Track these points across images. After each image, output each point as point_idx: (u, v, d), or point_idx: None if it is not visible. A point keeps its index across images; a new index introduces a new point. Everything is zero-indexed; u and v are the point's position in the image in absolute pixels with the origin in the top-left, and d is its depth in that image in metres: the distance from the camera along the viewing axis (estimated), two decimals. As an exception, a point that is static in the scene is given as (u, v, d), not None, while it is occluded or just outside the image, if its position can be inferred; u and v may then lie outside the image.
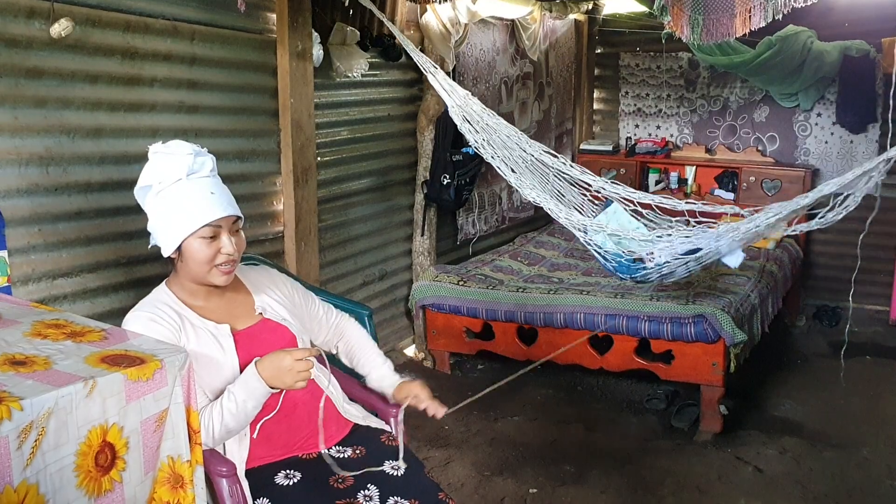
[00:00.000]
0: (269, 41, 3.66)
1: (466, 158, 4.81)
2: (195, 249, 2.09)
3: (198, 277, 2.13)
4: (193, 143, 2.15)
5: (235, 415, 2.02)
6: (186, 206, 2.07)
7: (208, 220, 2.07)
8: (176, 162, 2.08)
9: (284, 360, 2.02)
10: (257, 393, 2.03)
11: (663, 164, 6.53)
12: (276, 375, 2.02)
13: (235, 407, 2.02)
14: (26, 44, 2.63)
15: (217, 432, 2.03)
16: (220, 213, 2.09)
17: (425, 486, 2.21)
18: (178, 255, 2.11)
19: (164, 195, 2.09)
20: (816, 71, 5.74)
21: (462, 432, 4.11)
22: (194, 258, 2.09)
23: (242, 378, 2.05)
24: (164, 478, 1.75)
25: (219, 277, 2.13)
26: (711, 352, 4.05)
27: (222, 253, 2.11)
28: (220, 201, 2.11)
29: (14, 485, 1.41)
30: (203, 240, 2.08)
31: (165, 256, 2.13)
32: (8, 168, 2.62)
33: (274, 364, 2.03)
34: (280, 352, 2.05)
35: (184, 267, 2.13)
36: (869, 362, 5.19)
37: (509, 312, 4.49)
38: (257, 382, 2.02)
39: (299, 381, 2.02)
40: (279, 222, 3.86)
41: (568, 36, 6.50)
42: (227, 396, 2.04)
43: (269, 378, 2.02)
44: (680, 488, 3.58)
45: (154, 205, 2.11)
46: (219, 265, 2.12)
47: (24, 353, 1.61)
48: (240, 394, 2.03)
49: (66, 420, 1.49)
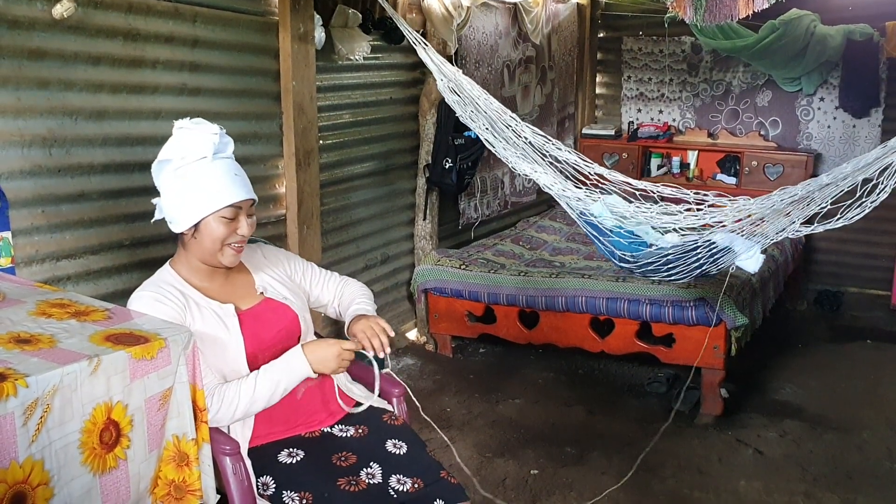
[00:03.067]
0: (271, 23, 3.66)
1: (468, 142, 4.80)
2: (213, 228, 2.11)
3: (207, 256, 2.15)
4: None
5: (267, 393, 2.08)
6: (210, 184, 2.08)
7: (233, 200, 2.11)
8: (202, 139, 2.09)
9: (334, 348, 2.14)
10: (297, 374, 2.12)
11: (665, 148, 6.51)
12: (323, 360, 2.13)
13: (271, 384, 2.08)
14: (28, 25, 2.63)
15: (241, 409, 2.07)
16: (244, 196, 2.14)
17: (427, 464, 2.23)
18: (192, 232, 2.12)
19: (186, 171, 2.09)
20: (819, 55, 5.71)
21: (463, 414, 4.13)
22: (211, 236, 2.11)
23: (285, 358, 2.12)
24: (170, 456, 1.76)
25: (228, 257, 2.16)
26: (713, 335, 4.05)
27: (238, 234, 2.14)
28: (243, 183, 2.15)
29: (20, 461, 1.42)
30: (223, 219, 2.11)
31: (176, 232, 2.14)
32: (11, 149, 2.63)
33: (322, 349, 2.14)
34: (331, 340, 2.17)
35: (195, 244, 2.13)
36: (870, 346, 5.21)
37: (511, 296, 4.50)
38: (302, 364, 2.11)
39: (342, 367, 2.16)
40: (281, 205, 3.86)
41: (570, 20, 6.48)
42: (262, 373, 2.08)
43: (314, 361, 2.12)
44: (680, 470, 3.60)
45: (172, 180, 2.10)
46: (230, 244, 2.14)
47: (28, 331, 1.62)
48: (278, 373, 2.09)
49: (70, 397, 1.50)
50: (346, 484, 2.09)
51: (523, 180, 6.04)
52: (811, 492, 3.42)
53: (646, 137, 6.56)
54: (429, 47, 3.67)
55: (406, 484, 2.14)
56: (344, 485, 2.09)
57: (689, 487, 3.46)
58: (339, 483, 2.09)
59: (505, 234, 5.60)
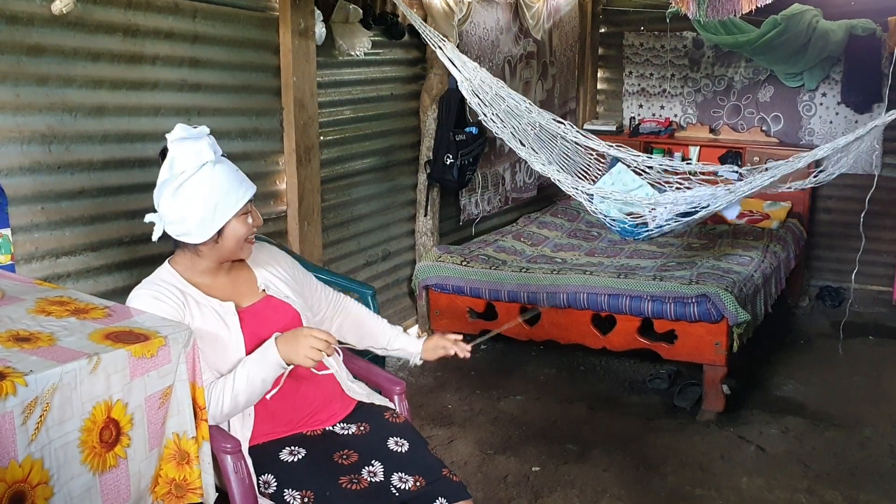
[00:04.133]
0: (272, 19, 3.64)
1: (469, 138, 4.79)
2: (237, 229, 2.10)
3: (231, 255, 2.15)
4: (195, 122, 2.13)
5: (245, 386, 2.02)
6: (224, 188, 2.06)
7: (249, 195, 2.12)
8: (197, 147, 2.03)
9: (301, 333, 2.03)
10: (269, 363, 2.03)
11: (667, 144, 6.49)
12: (292, 346, 2.02)
13: (246, 377, 2.02)
14: (27, 21, 2.61)
15: (227, 405, 2.02)
16: (253, 188, 2.14)
17: (429, 462, 2.22)
18: (218, 237, 2.08)
19: (191, 183, 2.02)
20: (822, 50, 5.70)
21: (465, 411, 4.12)
22: (235, 236, 2.11)
23: (261, 349, 2.06)
24: (170, 454, 1.76)
25: (248, 250, 2.18)
26: (714, 331, 4.05)
27: (253, 225, 2.15)
28: (246, 178, 2.14)
29: (19, 460, 1.41)
30: (242, 217, 2.11)
31: (197, 244, 2.09)
32: (10, 146, 2.62)
33: (291, 338, 2.03)
34: (305, 329, 2.06)
35: (215, 249, 2.11)
36: (871, 343, 5.20)
37: (512, 292, 4.49)
38: (272, 353, 2.03)
39: (309, 357, 2.00)
40: (282, 202, 3.85)
41: (572, 15, 6.46)
42: (240, 367, 2.05)
43: (283, 348, 2.02)
44: (682, 467, 3.59)
45: (179, 196, 2.03)
46: (248, 239, 2.15)
47: (28, 329, 1.61)
48: (252, 364, 2.04)
49: (70, 396, 1.49)
50: (348, 482, 2.08)
51: (524, 176, 6.03)
52: (813, 488, 3.41)
53: (647, 133, 6.54)
54: (446, 44, 3.63)
55: (408, 482, 2.13)
56: (346, 483, 2.08)
57: (691, 484, 3.45)
58: (341, 481, 2.08)
59: (506, 231, 5.59)
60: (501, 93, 3.61)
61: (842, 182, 3.86)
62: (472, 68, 3.63)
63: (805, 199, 5.97)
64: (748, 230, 5.52)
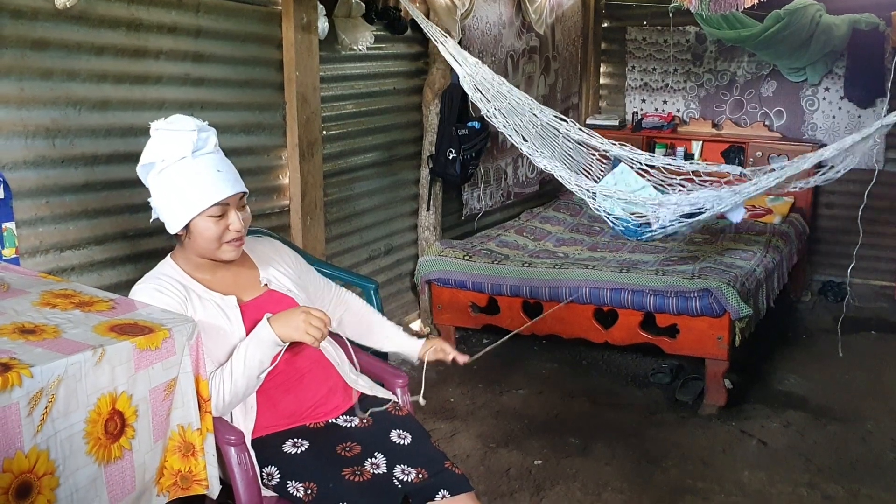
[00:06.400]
0: (275, 13, 3.64)
1: (472, 133, 4.79)
2: (204, 228, 2.08)
3: (206, 254, 2.13)
4: (198, 117, 2.13)
5: (242, 370, 2.03)
6: (194, 184, 2.05)
7: (217, 199, 2.06)
8: (180, 139, 2.04)
9: (300, 315, 2.03)
10: (264, 343, 2.03)
11: (669, 138, 6.48)
12: (288, 326, 2.02)
13: (243, 361, 2.03)
14: (31, 15, 2.62)
15: (227, 393, 2.03)
16: (229, 192, 2.09)
17: (432, 454, 2.23)
18: (186, 232, 2.10)
19: (169, 173, 2.06)
20: (825, 45, 5.68)
21: (467, 405, 4.14)
22: (203, 236, 2.09)
23: (253, 331, 2.06)
24: (175, 446, 1.77)
25: (228, 253, 2.14)
26: (717, 326, 4.05)
27: (231, 230, 2.11)
28: (227, 178, 2.09)
29: (25, 451, 1.42)
30: (212, 218, 2.07)
31: (172, 234, 2.13)
32: (14, 140, 2.63)
33: (287, 315, 2.04)
34: (299, 307, 2.07)
35: (191, 244, 2.12)
36: (873, 337, 5.20)
37: (515, 287, 4.49)
38: (266, 332, 2.03)
39: (309, 331, 2.01)
40: (285, 196, 3.86)
41: (574, 9, 6.45)
42: (235, 353, 2.05)
43: (279, 327, 2.03)
44: (684, 460, 3.60)
45: (158, 183, 2.08)
46: (228, 241, 2.12)
47: (33, 321, 1.62)
48: (247, 347, 2.04)
49: (75, 388, 1.50)
50: (351, 474, 2.09)
51: (526, 170, 6.03)
52: (815, 482, 3.42)
53: (650, 128, 6.52)
54: (448, 41, 3.64)
55: (410, 474, 2.14)
56: (349, 475, 2.09)
57: (693, 478, 3.46)
58: (344, 473, 2.09)
59: (509, 225, 5.59)
60: (502, 90, 3.62)
61: (845, 177, 3.85)
62: (472, 64, 3.63)
63: (807, 194, 5.95)
64: (750, 225, 5.52)
